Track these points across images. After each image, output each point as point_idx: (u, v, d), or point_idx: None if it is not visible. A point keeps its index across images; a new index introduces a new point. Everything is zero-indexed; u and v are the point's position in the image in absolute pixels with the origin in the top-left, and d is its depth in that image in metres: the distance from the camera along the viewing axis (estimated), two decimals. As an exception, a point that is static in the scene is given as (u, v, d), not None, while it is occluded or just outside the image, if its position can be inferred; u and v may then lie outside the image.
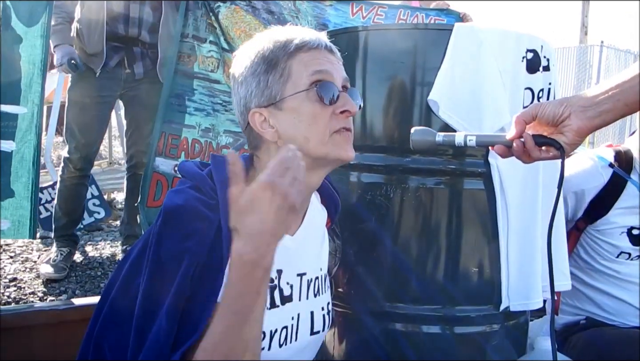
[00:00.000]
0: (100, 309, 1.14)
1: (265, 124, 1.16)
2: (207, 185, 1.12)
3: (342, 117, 1.16)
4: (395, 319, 1.58)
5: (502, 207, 1.58)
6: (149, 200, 2.91)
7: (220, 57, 2.99)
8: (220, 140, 2.99)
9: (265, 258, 0.93)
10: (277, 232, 0.94)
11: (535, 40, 1.61)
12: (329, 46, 1.19)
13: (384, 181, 1.60)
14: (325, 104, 1.14)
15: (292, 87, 1.14)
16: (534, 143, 1.19)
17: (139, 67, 3.29)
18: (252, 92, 1.16)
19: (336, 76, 1.17)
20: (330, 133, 1.15)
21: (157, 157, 2.89)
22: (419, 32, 1.74)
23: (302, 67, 1.14)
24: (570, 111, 1.16)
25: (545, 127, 1.21)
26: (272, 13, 3.02)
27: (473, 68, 1.55)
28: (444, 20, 3.28)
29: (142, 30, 3.25)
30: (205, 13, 2.94)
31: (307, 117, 1.14)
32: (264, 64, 1.15)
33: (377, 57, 1.63)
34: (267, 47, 1.16)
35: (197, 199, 1.09)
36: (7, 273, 3.29)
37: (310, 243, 1.31)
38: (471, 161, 1.59)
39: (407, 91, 1.61)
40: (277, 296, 1.21)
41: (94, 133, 3.34)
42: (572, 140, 1.17)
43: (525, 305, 1.62)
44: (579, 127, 1.16)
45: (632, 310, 1.96)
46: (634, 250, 1.95)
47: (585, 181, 1.98)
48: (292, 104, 1.14)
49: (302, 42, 1.15)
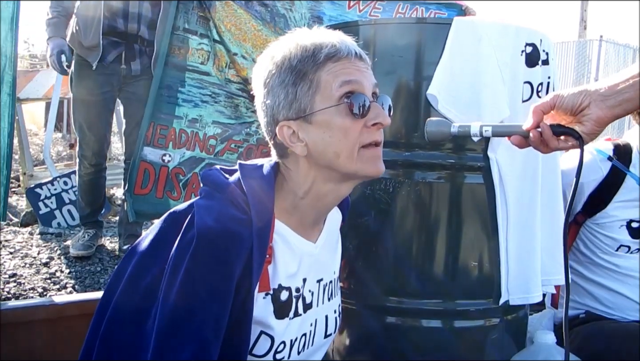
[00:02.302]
0: (103, 306, 1.12)
1: (294, 137, 1.12)
2: (238, 197, 1.09)
3: (373, 130, 1.12)
4: (395, 313, 1.59)
5: (501, 201, 1.58)
6: (136, 188, 2.94)
7: (210, 50, 2.99)
8: (208, 130, 3.00)
9: None
10: None
11: (535, 34, 1.60)
12: (358, 53, 1.14)
13: (384, 176, 1.60)
14: (356, 117, 1.10)
15: (321, 100, 1.10)
16: (551, 133, 1.16)
17: (136, 64, 3.33)
18: (281, 104, 1.12)
19: (366, 85, 1.12)
20: (358, 148, 1.11)
21: (145, 146, 2.91)
22: (418, 26, 1.73)
23: (332, 77, 1.10)
24: (590, 100, 1.13)
25: (564, 116, 1.18)
26: (265, 6, 3.02)
27: (472, 62, 1.54)
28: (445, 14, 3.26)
29: (141, 25, 3.28)
30: (196, 6, 2.94)
31: (338, 132, 1.10)
32: (292, 75, 1.10)
33: (376, 51, 1.63)
34: (295, 55, 1.11)
35: (230, 217, 1.06)
36: (6, 268, 3.29)
37: (328, 247, 1.30)
38: (471, 156, 1.59)
39: (406, 86, 1.61)
40: (300, 305, 1.19)
41: (102, 129, 3.43)
42: (591, 130, 1.14)
43: (525, 298, 1.62)
44: (598, 116, 1.13)
45: (631, 304, 1.96)
46: (634, 243, 1.95)
47: (584, 174, 1.97)
48: (322, 117, 1.10)
49: (331, 52, 1.10)
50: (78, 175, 3.54)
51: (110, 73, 3.30)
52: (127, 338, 1.06)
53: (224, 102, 3.01)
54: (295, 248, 1.16)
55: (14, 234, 4.10)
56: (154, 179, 2.93)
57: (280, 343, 1.15)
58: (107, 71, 3.28)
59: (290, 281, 1.16)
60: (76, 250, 3.46)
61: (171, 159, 2.95)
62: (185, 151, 2.96)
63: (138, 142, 2.93)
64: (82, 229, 3.66)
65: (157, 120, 2.92)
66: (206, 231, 1.03)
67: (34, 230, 4.21)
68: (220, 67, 2.99)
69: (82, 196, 3.59)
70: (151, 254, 1.10)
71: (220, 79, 3.00)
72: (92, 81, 3.29)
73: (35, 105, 8.15)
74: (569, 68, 12.52)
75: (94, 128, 3.38)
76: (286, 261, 1.15)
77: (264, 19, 3.02)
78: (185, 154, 2.96)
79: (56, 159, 7.03)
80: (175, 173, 2.95)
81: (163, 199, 2.94)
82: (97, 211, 3.69)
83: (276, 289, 1.14)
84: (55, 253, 3.65)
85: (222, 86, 3.00)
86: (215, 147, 3.00)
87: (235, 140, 3.03)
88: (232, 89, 3.01)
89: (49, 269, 3.33)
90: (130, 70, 3.31)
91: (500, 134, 1.26)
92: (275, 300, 1.14)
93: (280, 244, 1.14)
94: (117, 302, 1.09)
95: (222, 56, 2.98)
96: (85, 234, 3.56)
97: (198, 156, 2.97)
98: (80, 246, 3.48)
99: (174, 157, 2.95)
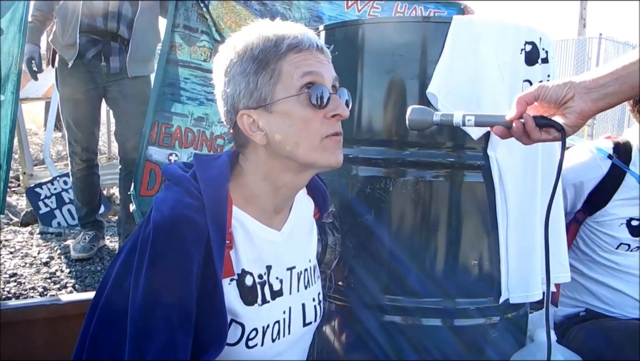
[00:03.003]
0: (94, 307, 1.13)
1: (253, 126, 1.14)
2: (191, 186, 1.11)
3: (333, 121, 1.14)
4: (394, 312, 1.59)
5: (501, 199, 1.58)
6: (142, 189, 2.93)
7: (212, 47, 2.99)
8: (215, 130, 2.99)
9: None
10: None
11: (534, 32, 1.60)
12: (320, 46, 1.16)
13: (383, 175, 1.60)
14: (316, 108, 1.12)
15: (282, 90, 1.12)
16: (534, 124, 1.16)
17: (115, 62, 3.36)
18: (241, 93, 1.14)
19: (327, 76, 1.15)
20: (321, 138, 1.13)
21: (150, 146, 2.90)
22: (417, 25, 1.73)
23: (293, 68, 1.12)
24: (574, 92, 1.13)
25: (547, 108, 1.18)
26: (264, 5, 3.02)
27: (472, 61, 1.54)
28: (445, 13, 3.26)
29: (120, 25, 3.32)
30: (196, 4, 2.94)
31: (298, 122, 1.12)
32: (254, 64, 1.12)
33: (376, 50, 1.63)
34: (257, 45, 1.13)
35: (185, 205, 1.08)
36: (7, 268, 3.30)
37: (298, 235, 1.31)
38: (470, 154, 1.59)
39: (406, 84, 1.60)
40: (267, 291, 1.20)
41: (89, 125, 3.49)
42: (574, 122, 1.14)
43: (525, 297, 1.62)
44: (582, 109, 1.13)
45: (631, 302, 1.96)
46: (634, 241, 1.95)
47: (584, 173, 1.98)
48: (282, 107, 1.12)
49: (294, 43, 1.12)
50: (71, 173, 3.59)
51: (92, 70, 3.35)
52: (115, 337, 1.07)
53: None
54: (254, 235, 1.18)
55: (14, 233, 4.10)
56: (161, 180, 2.91)
57: (252, 330, 1.16)
58: (89, 69, 3.34)
59: (252, 266, 1.18)
60: (77, 252, 3.49)
61: (178, 158, 2.93)
62: (192, 150, 2.94)
63: (142, 141, 2.92)
64: (81, 231, 3.68)
65: (160, 119, 2.91)
66: (161, 220, 1.06)
67: (34, 230, 4.22)
68: None
69: (78, 196, 3.63)
70: (131, 254, 1.11)
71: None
72: (75, 79, 3.35)
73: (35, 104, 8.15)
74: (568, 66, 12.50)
75: (81, 125, 3.45)
76: (245, 247, 1.16)
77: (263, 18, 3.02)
78: (192, 154, 2.95)
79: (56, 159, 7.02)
80: None
81: None
82: (95, 211, 3.70)
83: (240, 274, 1.15)
84: (55, 252, 3.66)
85: None
86: (223, 147, 2.99)
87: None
88: None
89: (49, 269, 3.34)
90: (109, 67, 3.34)
91: (482, 124, 1.25)
92: (241, 285, 1.15)
93: (240, 230, 1.16)
94: (105, 302, 1.11)
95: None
96: (86, 236, 3.59)
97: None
98: (80, 248, 3.50)
99: (181, 157, 2.93)
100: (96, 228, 3.66)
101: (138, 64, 3.39)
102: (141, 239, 1.08)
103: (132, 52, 3.33)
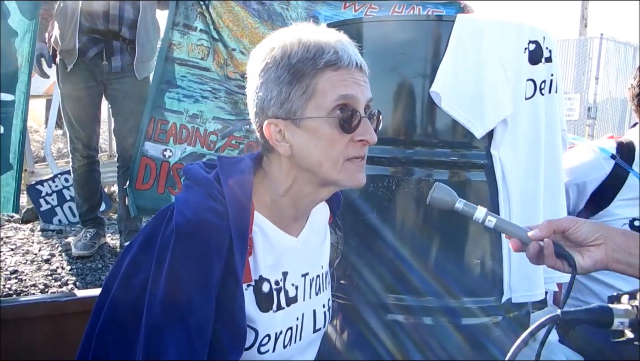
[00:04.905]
0: (100, 304, 1.12)
1: (279, 135, 1.11)
2: (215, 190, 1.09)
3: (358, 145, 1.11)
4: (397, 311, 1.59)
5: (504, 198, 1.58)
6: (138, 183, 2.96)
7: (210, 46, 3.00)
8: (209, 126, 3.02)
9: None
10: None
11: (537, 31, 1.60)
12: (359, 64, 1.11)
13: (387, 173, 1.60)
14: (345, 131, 1.09)
15: (314, 107, 1.08)
16: (553, 252, 1.12)
17: (117, 61, 3.37)
18: (272, 100, 1.10)
19: (361, 99, 1.11)
20: (343, 161, 1.11)
21: (146, 141, 2.93)
22: (420, 23, 1.73)
23: (329, 87, 1.08)
24: (602, 242, 1.11)
25: (568, 240, 1.14)
26: (262, 4, 3.03)
27: (475, 60, 1.54)
28: (443, 12, 3.26)
29: (122, 26, 3.33)
30: (196, 2, 2.96)
31: (324, 142, 1.09)
32: (289, 74, 1.08)
33: (378, 49, 1.63)
34: (295, 53, 1.08)
35: (208, 209, 1.06)
36: (8, 265, 3.30)
37: (313, 242, 1.30)
38: (474, 153, 1.59)
39: (409, 83, 1.60)
40: (282, 298, 1.19)
41: (90, 122, 3.51)
42: (588, 266, 1.12)
43: (527, 296, 1.62)
44: (601, 259, 1.11)
45: (633, 302, 1.96)
46: (636, 242, 1.94)
47: (587, 172, 1.97)
48: (311, 124, 1.09)
49: (332, 60, 1.07)
50: (72, 170, 3.61)
51: (93, 69, 3.36)
52: (123, 336, 1.07)
53: (224, 98, 3.01)
54: (273, 240, 1.17)
55: (15, 231, 4.10)
56: (155, 175, 2.94)
57: (265, 336, 1.15)
58: (89, 67, 3.36)
59: (270, 273, 1.17)
60: (78, 250, 3.50)
61: (172, 154, 2.96)
62: (186, 146, 2.97)
63: (138, 137, 2.95)
64: (82, 228, 3.69)
65: (157, 115, 2.93)
66: (184, 223, 1.05)
67: (35, 227, 4.22)
68: (220, 63, 3.00)
69: (79, 192, 3.64)
70: (142, 251, 1.10)
71: (220, 75, 3.01)
72: (76, 77, 3.37)
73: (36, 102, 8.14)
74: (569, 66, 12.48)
75: (81, 122, 3.47)
76: (264, 253, 1.15)
77: (261, 17, 3.03)
78: (186, 149, 2.97)
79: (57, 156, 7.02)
80: (177, 169, 2.96)
81: (164, 195, 2.95)
82: (95, 208, 3.71)
83: (257, 281, 1.14)
84: (56, 249, 3.66)
85: (222, 82, 3.01)
86: (216, 143, 3.01)
87: (235, 136, 3.04)
88: (231, 86, 3.01)
89: (50, 266, 3.34)
90: (110, 66, 3.36)
91: (502, 230, 1.20)
92: (258, 291, 1.14)
93: (259, 236, 1.14)
94: (112, 300, 1.10)
95: (221, 53, 2.98)
96: (87, 233, 3.59)
97: (199, 152, 2.98)
98: (81, 246, 3.51)
99: (175, 153, 2.95)
100: (97, 226, 3.66)
101: (144, 65, 3.41)
102: (160, 240, 1.06)
103: (139, 55, 3.34)
